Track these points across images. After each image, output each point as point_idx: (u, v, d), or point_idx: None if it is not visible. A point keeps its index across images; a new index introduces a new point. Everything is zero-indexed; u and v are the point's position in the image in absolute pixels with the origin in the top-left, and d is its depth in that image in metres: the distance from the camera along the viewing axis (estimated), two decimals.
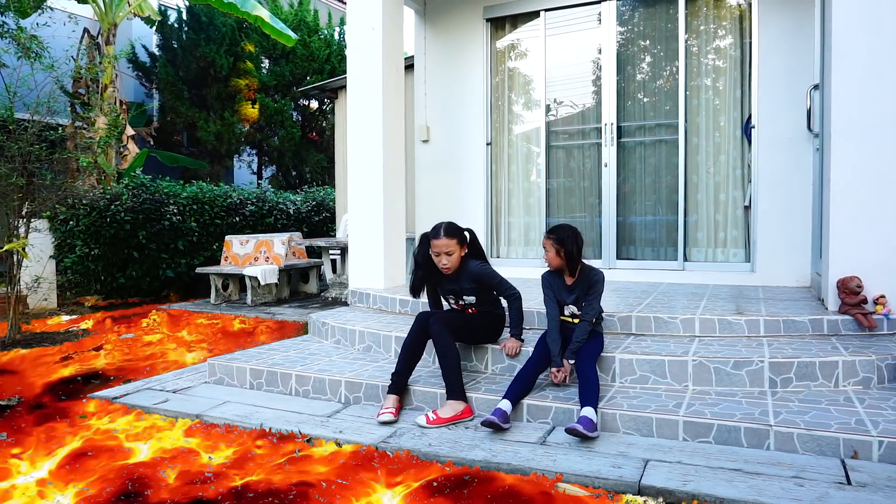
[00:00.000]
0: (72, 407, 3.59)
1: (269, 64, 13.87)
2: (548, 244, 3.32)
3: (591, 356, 3.16)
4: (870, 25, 3.65)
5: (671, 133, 5.49)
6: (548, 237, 3.34)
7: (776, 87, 5.02)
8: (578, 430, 2.74)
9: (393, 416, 3.14)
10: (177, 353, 4.90)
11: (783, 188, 5.02)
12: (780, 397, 3.00)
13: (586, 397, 2.91)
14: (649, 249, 5.63)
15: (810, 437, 2.59)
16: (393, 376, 3.30)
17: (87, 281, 7.60)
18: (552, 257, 3.32)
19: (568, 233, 3.29)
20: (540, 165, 6.01)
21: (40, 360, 4.67)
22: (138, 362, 4.63)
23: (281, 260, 7.45)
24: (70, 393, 3.88)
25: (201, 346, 5.15)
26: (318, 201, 10.85)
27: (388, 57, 5.25)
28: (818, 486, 2.32)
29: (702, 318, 3.70)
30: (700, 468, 2.50)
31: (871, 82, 3.65)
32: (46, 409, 3.57)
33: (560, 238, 3.28)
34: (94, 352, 4.95)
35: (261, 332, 5.58)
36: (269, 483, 2.51)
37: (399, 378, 3.29)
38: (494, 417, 2.90)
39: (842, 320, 3.62)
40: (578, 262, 3.32)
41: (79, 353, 4.87)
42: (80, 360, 4.67)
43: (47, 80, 6.52)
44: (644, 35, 5.64)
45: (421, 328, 3.32)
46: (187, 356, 4.81)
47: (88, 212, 7.35)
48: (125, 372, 4.35)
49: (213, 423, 3.24)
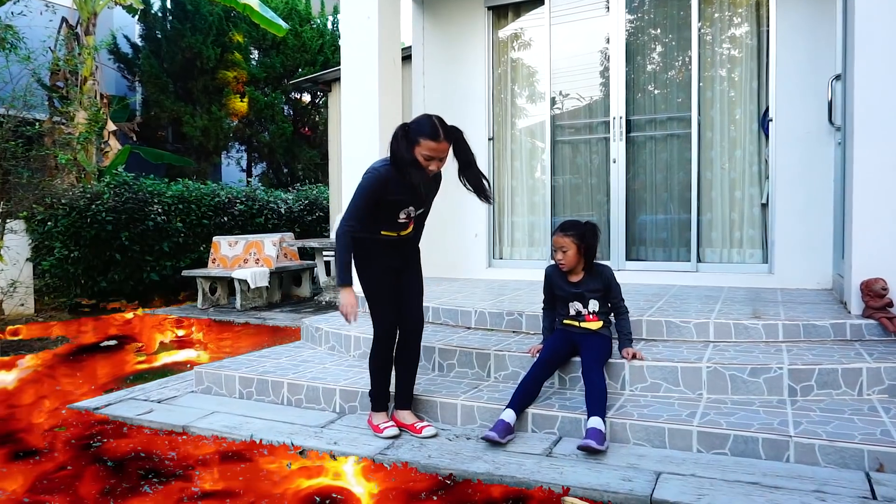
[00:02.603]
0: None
1: (258, 55, 13.89)
2: (567, 242, 3.21)
3: (598, 361, 3.15)
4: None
5: (684, 127, 5.49)
6: (566, 234, 3.22)
7: (795, 78, 5.01)
8: (592, 446, 2.72)
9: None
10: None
11: (802, 185, 5.01)
12: (800, 406, 2.99)
13: (594, 406, 2.90)
14: (660, 250, 5.63)
15: (833, 448, 2.58)
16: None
17: (66, 285, 7.60)
18: (572, 257, 3.23)
19: (589, 228, 3.26)
20: (545, 161, 6.01)
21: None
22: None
23: (272, 262, 7.45)
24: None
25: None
26: (310, 200, 10.86)
27: (385, 48, 5.25)
28: (841, 500, 2.31)
29: (716, 322, 3.69)
30: (715, 481, 2.49)
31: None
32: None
33: (581, 234, 3.22)
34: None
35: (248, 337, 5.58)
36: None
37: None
38: (494, 434, 2.87)
39: (866, 325, 3.61)
40: (596, 260, 3.31)
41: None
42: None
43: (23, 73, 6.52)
44: (655, 23, 5.64)
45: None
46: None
47: (68, 212, 7.35)
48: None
49: (199, 435, 3.24)
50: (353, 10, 5.27)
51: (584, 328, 3.30)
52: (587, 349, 3.20)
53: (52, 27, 9.40)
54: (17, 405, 3.83)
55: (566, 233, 3.24)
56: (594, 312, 3.29)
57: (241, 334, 5.82)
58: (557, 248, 3.26)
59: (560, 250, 3.25)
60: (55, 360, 4.94)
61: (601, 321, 3.30)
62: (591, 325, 3.29)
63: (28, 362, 4.82)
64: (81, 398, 3.92)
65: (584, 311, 3.30)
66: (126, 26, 12.76)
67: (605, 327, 3.34)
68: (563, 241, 3.24)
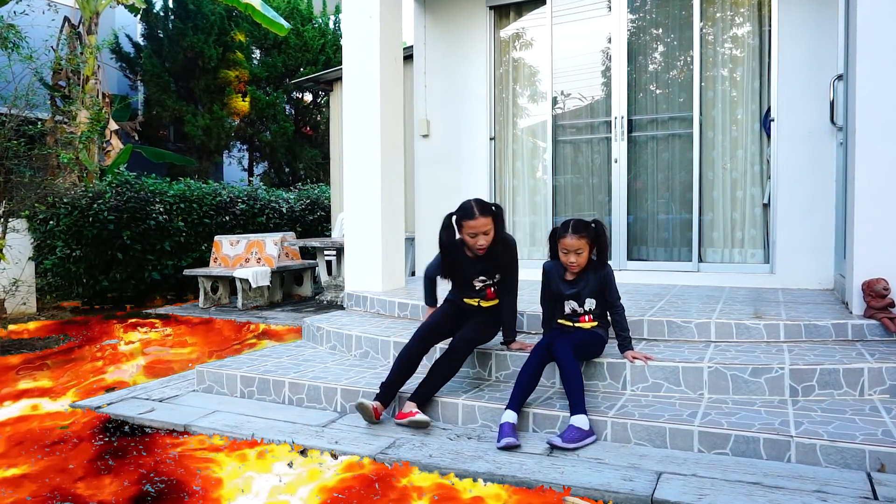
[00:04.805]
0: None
1: (260, 55, 13.90)
2: (583, 244, 3.15)
3: (572, 350, 3.07)
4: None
5: (685, 127, 5.49)
6: (580, 237, 3.15)
7: (797, 78, 5.01)
8: (556, 444, 2.79)
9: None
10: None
11: (804, 185, 5.01)
12: (801, 406, 2.99)
13: (575, 401, 2.90)
14: (662, 250, 5.63)
15: (834, 448, 2.58)
16: (384, 386, 3.31)
17: (68, 284, 7.61)
18: (585, 258, 3.20)
19: (600, 227, 3.24)
20: (546, 161, 6.01)
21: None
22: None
23: (273, 261, 7.45)
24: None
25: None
26: (312, 199, 10.85)
27: (386, 47, 5.25)
28: (843, 500, 2.31)
29: (718, 322, 3.70)
30: (716, 481, 2.49)
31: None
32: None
33: (596, 234, 3.20)
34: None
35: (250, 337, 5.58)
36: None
37: (391, 389, 3.31)
38: (511, 439, 2.85)
39: (867, 325, 3.61)
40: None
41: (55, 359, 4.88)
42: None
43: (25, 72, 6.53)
44: (657, 23, 5.64)
45: (424, 342, 3.40)
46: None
47: (70, 211, 7.36)
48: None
49: (200, 434, 3.24)
50: (354, 10, 5.27)
51: (576, 328, 3.30)
52: (569, 337, 3.18)
53: (55, 26, 9.42)
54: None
55: (580, 234, 3.16)
56: (589, 312, 3.28)
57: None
58: (570, 251, 3.17)
59: (574, 252, 3.17)
60: None
61: (595, 322, 3.29)
62: (584, 326, 3.28)
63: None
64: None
65: (580, 309, 3.29)
66: (128, 25, 12.79)
67: (600, 327, 3.32)
68: (578, 243, 3.15)
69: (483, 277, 3.49)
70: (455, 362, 3.32)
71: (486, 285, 3.50)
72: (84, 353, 5.13)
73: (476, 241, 3.33)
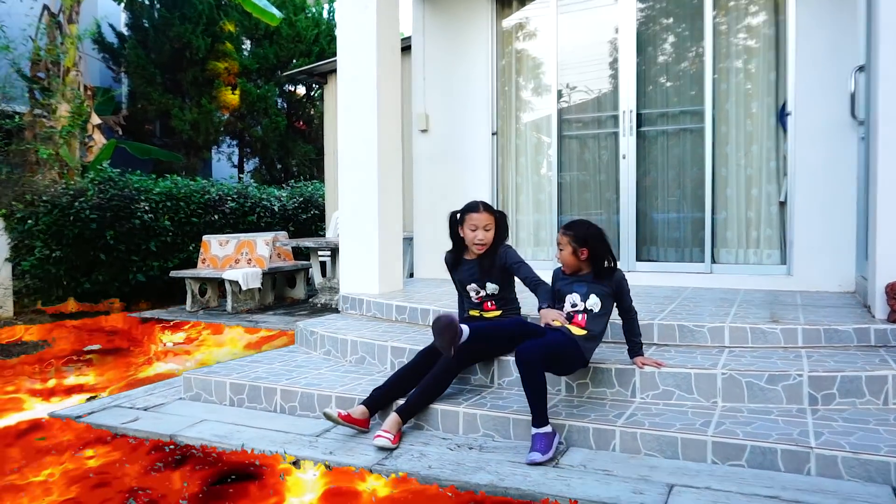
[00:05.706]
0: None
1: (250, 45, 13.89)
2: (563, 241, 3.26)
3: (541, 350, 3.02)
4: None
5: (697, 121, 5.48)
6: (564, 233, 3.27)
7: (815, 70, 5.00)
8: (538, 461, 2.78)
9: (391, 442, 3.07)
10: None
11: (823, 182, 5.00)
12: (821, 416, 2.98)
13: (536, 410, 2.91)
14: (673, 250, 5.62)
15: (856, 460, 2.56)
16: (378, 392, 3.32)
17: (47, 286, 7.59)
18: (566, 257, 3.26)
19: (590, 231, 3.23)
20: (551, 157, 6.00)
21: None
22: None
23: (264, 262, 7.44)
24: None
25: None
26: (305, 197, 10.86)
27: (383, 38, 5.24)
28: None
29: (732, 326, 3.68)
30: (731, 494, 2.47)
31: None
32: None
33: (582, 237, 3.22)
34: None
35: None
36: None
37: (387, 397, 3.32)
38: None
39: (891, 330, 3.60)
40: (606, 266, 3.23)
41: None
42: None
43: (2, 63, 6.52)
44: (667, 12, 5.63)
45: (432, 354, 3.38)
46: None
47: (49, 209, 7.34)
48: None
49: (187, 444, 3.23)
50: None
51: (625, 323, 3.36)
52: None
53: (33, 15, 9.39)
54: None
55: (564, 231, 3.30)
56: (586, 311, 3.23)
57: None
58: (558, 245, 3.33)
59: (558, 246, 3.32)
60: None
61: (586, 330, 3.20)
62: (575, 330, 3.21)
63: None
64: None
65: (580, 304, 3.22)
66: (111, 14, 12.78)
67: (590, 336, 3.24)
68: (560, 238, 3.30)
69: (475, 285, 3.62)
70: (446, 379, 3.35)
71: (480, 296, 3.63)
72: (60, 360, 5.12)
73: (475, 236, 3.51)
